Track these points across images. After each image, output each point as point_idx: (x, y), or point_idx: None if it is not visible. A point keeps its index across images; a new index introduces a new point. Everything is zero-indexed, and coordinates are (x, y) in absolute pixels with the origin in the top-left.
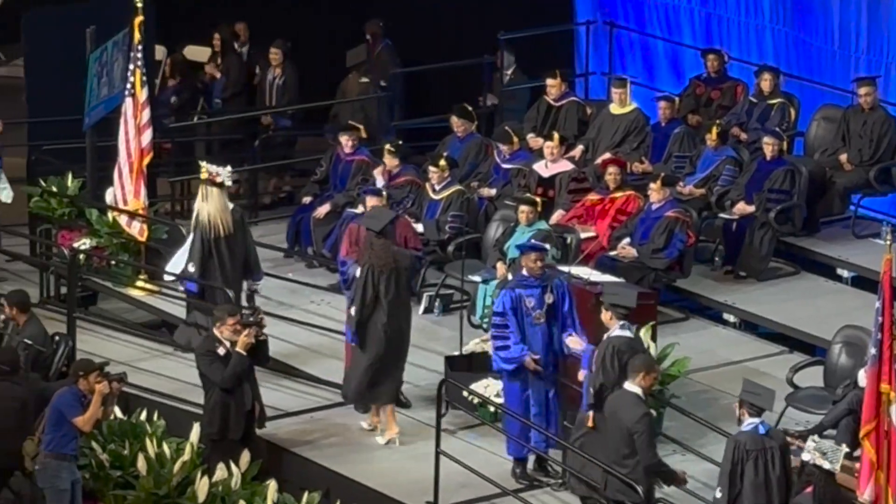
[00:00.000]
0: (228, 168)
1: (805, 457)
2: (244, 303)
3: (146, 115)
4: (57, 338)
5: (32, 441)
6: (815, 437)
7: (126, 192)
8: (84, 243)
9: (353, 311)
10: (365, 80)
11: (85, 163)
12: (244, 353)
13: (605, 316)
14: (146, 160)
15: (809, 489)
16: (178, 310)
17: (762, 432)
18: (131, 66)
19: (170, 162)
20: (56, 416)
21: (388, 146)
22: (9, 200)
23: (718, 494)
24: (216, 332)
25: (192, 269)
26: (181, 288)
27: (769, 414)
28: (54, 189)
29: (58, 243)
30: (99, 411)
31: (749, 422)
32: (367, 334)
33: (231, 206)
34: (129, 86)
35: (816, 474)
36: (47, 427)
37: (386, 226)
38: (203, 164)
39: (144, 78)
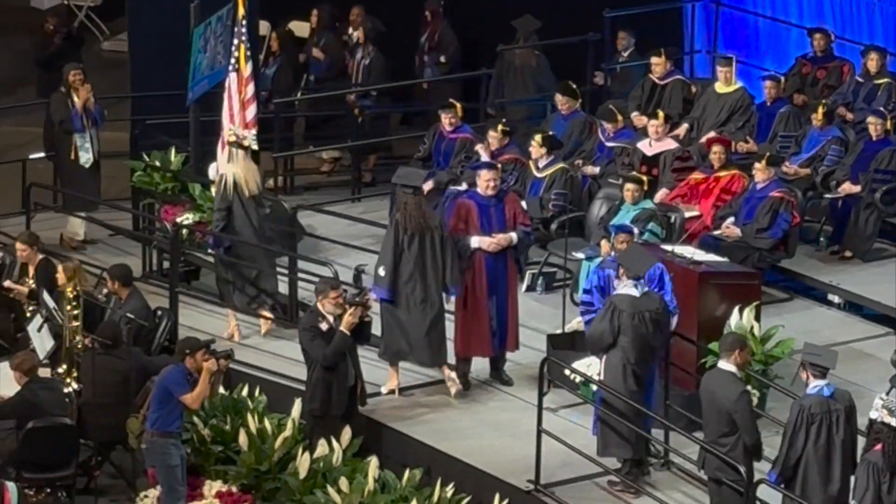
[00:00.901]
0: (254, 132)
1: (873, 415)
2: (351, 281)
3: (250, 89)
4: (159, 312)
5: (137, 419)
6: (883, 395)
7: None
8: (187, 218)
9: (381, 270)
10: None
11: (188, 137)
12: (347, 333)
13: (605, 246)
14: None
15: (879, 447)
16: (282, 285)
17: (827, 395)
18: (235, 41)
19: (273, 137)
20: (162, 393)
21: (500, 125)
22: (87, 165)
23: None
24: (318, 305)
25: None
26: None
27: (870, 393)
28: (157, 164)
29: (161, 218)
30: (207, 388)
31: (814, 384)
32: (398, 295)
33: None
34: (233, 60)
35: (885, 432)
36: (153, 404)
37: (421, 183)
38: (230, 126)
39: (248, 53)
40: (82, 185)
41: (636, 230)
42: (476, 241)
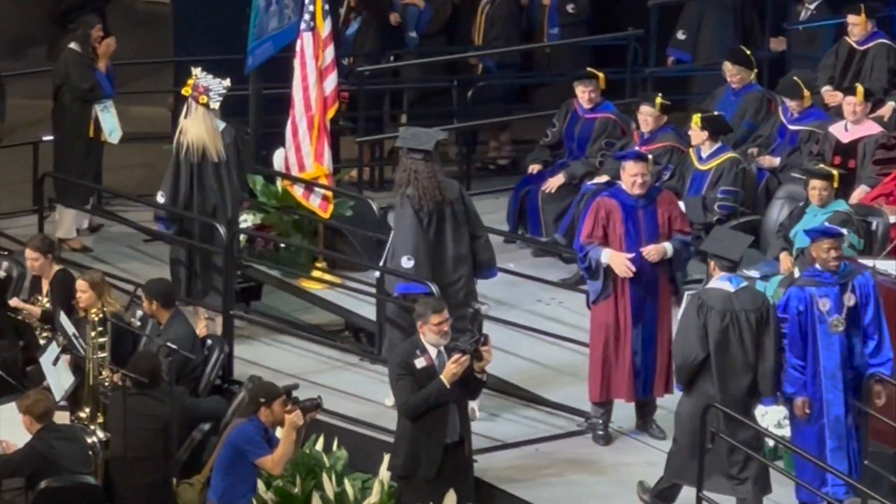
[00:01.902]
0: (224, 83)
1: None
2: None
3: (329, 54)
4: (209, 342)
5: (192, 487)
6: None
7: (303, 154)
8: (245, 220)
9: (406, 261)
10: None
11: (247, 116)
12: (447, 385)
13: (710, 265)
14: (330, 113)
15: None
16: (366, 308)
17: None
18: None
19: (357, 117)
20: (232, 455)
21: (658, 99)
22: (115, 142)
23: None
24: (420, 332)
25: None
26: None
27: None
28: None
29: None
30: (292, 448)
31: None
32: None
33: (222, 125)
34: (307, 17)
35: None
36: (219, 470)
37: (435, 146)
38: (195, 72)
39: (327, 7)
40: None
41: (847, 233)
42: (606, 256)
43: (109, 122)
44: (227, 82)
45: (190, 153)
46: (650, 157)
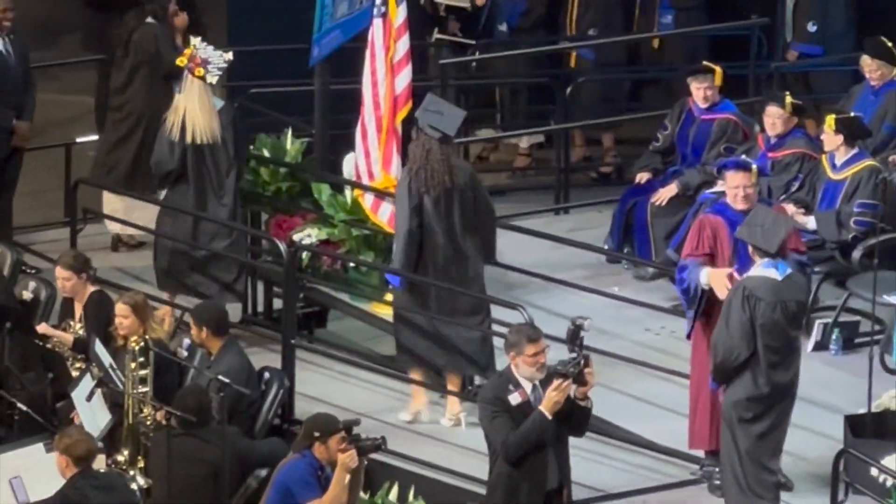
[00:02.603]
0: (226, 56)
1: None
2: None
3: (403, 46)
4: (266, 375)
5: None
6: None
7: (372, 160)
8: (308, 235)
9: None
10: None
11: (311, 115)
12: (549, 416)
13: (750, 248)
14: (402, 114)
15: None
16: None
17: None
18: None
19: None
20: (281, 496)
21: (788, 97)
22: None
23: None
24: (510, 366)
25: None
26: None
27: None
28: (266, 153)
29: (270, 234)
30: (344, 492)
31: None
32: (418, 273)
33: (220, 103)
34: (378, 2)
35: None
36: None
37: (457, 130)
38: (193, 42)
39: None
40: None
41: None
42: (705, 276)
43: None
44: (230, 55)
45: (183, 133)
46: (755, 166)
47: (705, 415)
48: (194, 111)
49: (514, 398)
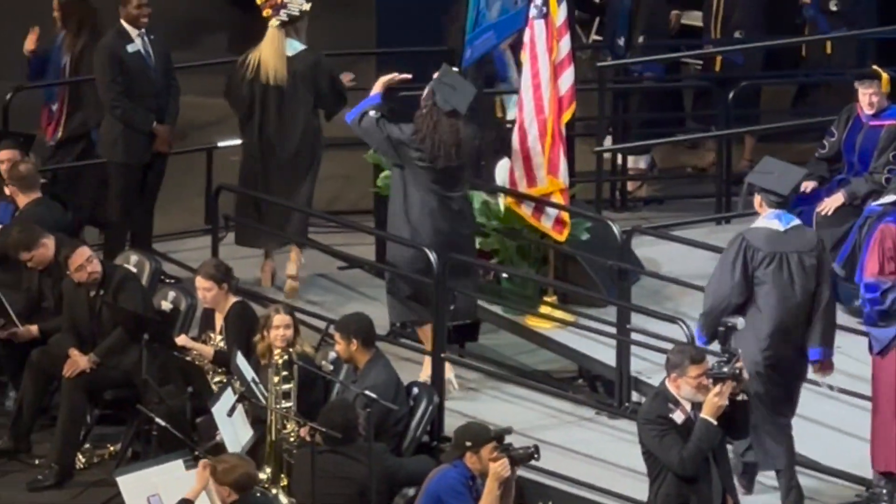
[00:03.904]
0: (305, 6)
1: None
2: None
3: (565, 46)
4: (415, 390)
5: None
6: None
7: (533, 165)
8: None
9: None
10: None
11: None
12: (714, 422)
13: (756, 201)
14: (566, 116)
15: None
16: (604, 352)
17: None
18: None
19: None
20: None
21: None
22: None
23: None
24: (670, 385)
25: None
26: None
27: None
28: None
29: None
30: (496, 503)
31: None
32: (414, 236)
33: (299, 48)
34: (539, 2)
35: None
36: None
37: (469, 106)
38: None
39: None
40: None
41: None
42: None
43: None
44: (308, 6)
45: (257, 72)
46: None
47: (885, 436)
48: (265, 53)
49: (678, 416)
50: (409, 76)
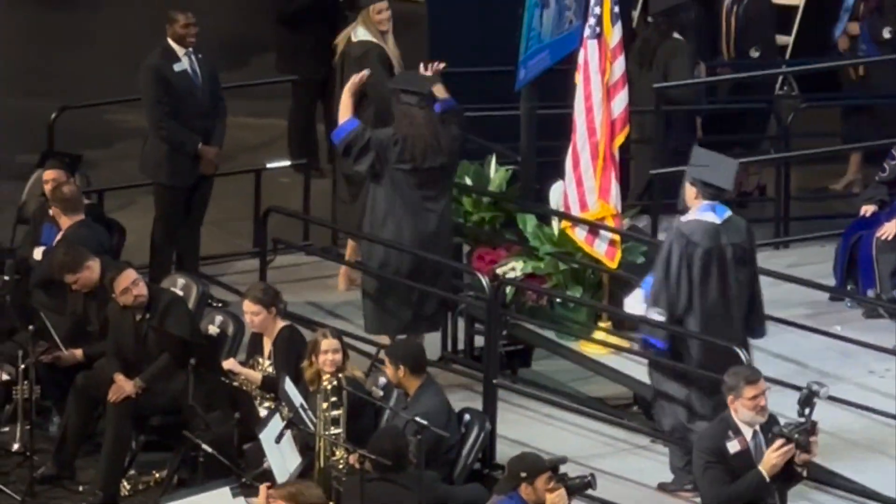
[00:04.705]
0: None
1: None
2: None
3: (619, 67)
4: (467, 417)
5: None
6: None
7: (585, 189)
8: (513, 269)
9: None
10: None
11: (516, 141)
12: (767, 478)
13: (690, 193)
14: (619, 139)
15: None
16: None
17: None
18: None
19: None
20: None
21: None
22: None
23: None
24: (731, 409)
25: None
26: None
27: None
28: (468, 181)
29: (472, 267)
30: None
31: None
32: (384, 230)
33: (364, 37)
34: (592, 20)
35: None
36: None
37: (429, 90)
38: None
39: (617, 9)
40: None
41: None
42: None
43: None
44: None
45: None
46: None
47: None
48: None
49: (733, 446)
50: (367, 72)
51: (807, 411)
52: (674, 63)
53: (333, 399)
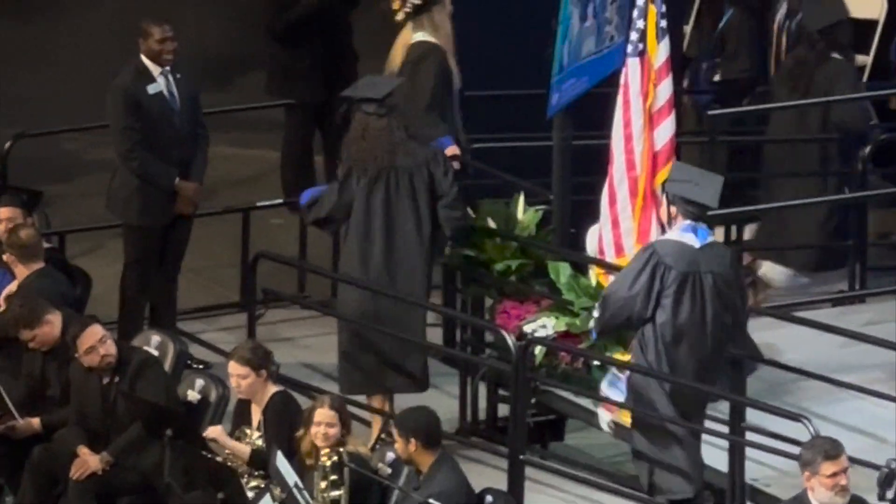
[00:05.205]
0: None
1: None
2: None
3: (664, 91)
4: (489, 498)
5: None
6: None
7: (623, 230)
8: (543, 326)
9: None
10: None
11: (548, 177)
12: None
13: (673, 210)
14: (662, 174)
15: None
16: (715, 454)
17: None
18: (640, 3)
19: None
20: None
21: None
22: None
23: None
24: (806, 490)
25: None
26: None
27: None
28: (491, 222)
29: (495, 324)
30: None
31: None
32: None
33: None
34: (634, 36)
35: None
36: None
37: (389, 93)
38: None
39: (664, 24)
40: None
41: None
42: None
43: None
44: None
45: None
46: None
47: None
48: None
49: None
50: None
51: (889, 494)
52: (839, 87)
53: (333, 477)
